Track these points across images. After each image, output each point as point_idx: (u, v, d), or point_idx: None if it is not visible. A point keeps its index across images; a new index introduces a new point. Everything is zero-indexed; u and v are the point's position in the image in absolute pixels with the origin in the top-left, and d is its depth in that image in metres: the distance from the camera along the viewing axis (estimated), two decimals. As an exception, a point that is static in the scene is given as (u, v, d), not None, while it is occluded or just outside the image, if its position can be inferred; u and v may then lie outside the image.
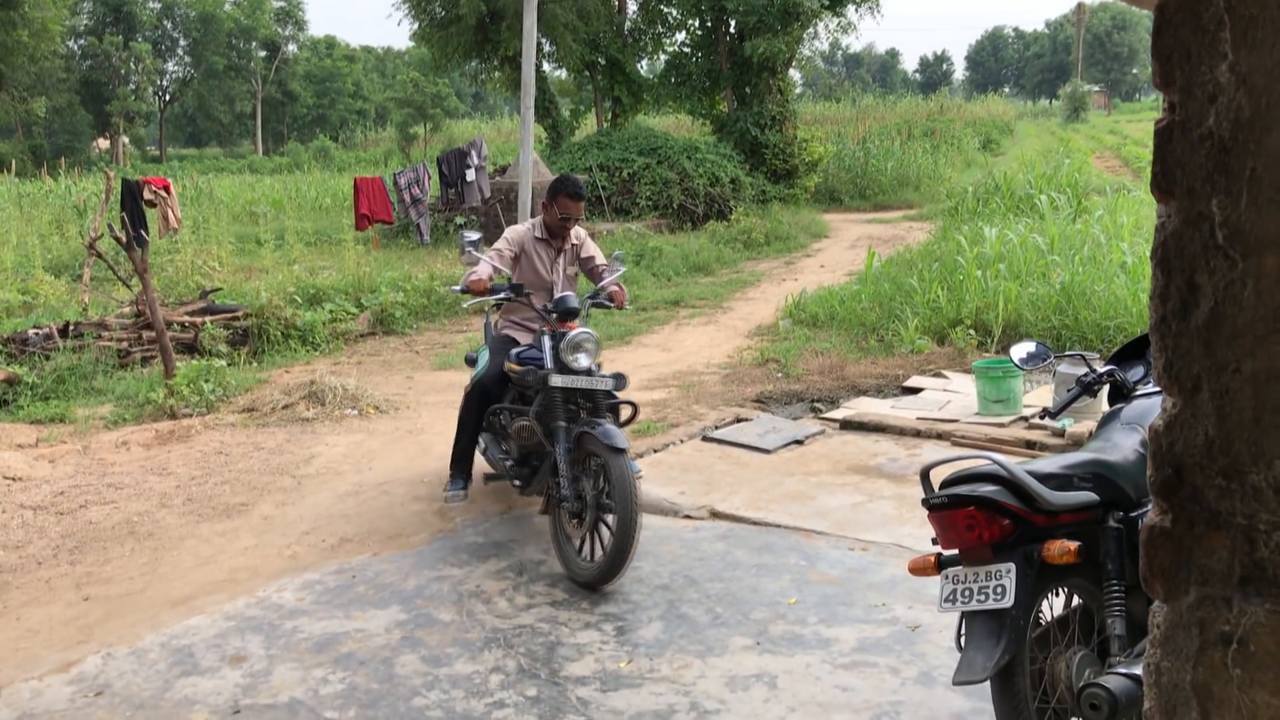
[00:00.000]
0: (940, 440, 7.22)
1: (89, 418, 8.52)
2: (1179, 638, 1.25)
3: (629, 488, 4.92)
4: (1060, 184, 18.47)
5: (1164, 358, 1.28)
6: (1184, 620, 1.24)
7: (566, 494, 5.20)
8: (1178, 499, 1.25)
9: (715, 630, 4.68)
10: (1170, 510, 1.27)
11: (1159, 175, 1.27)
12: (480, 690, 4.21)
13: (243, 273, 15.24)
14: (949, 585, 3.23)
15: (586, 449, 5.20)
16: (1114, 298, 9.47)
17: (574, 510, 5.21)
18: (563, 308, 5.60)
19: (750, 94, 25.61)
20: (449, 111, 60.41)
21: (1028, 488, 3.13)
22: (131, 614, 5.04)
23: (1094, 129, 57.24)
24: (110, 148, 62.48)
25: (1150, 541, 1.28)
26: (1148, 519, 1.29)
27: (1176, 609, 1.26)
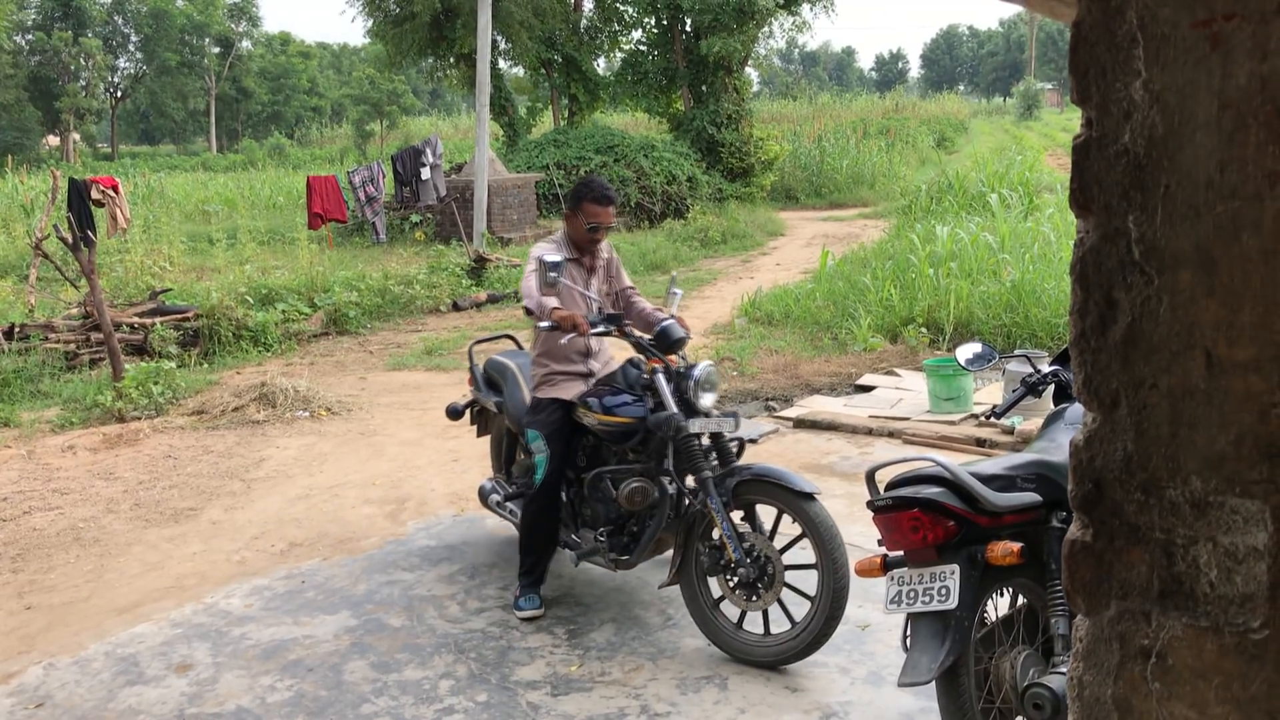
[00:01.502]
0: (892, 438, 7.26)
1: (34, 421, 8.38)
2: (1100, 651, 1.26)
3: (838, 538, 4.18)
4: (1012, 182, 18.64)
5: (1083, 373, 1.29)
6: (1105, 634, 1.25)
7: (738, 558, 4.31)
8: (1098, 514, 1.26)
9: (667, 632, 4.68)
10: (1091, 525, 1.28)
11: (1077, 191, 1.27)
12: (430, 696, 4.18)
13: (194, 273, 15.07)
14: (894, 587, 3.25)
15: (744, 499, 4.44)
16: (1063, 295, 9.57)
17: (750, 577, 4.32)
18: (669, 339, 4.67)
19: (706, 92, 25.66)
20: (405, 109, 60.06)
21: (971, 489, 3.15)
22: (75, 622, 4.97)
23: (1047, 127, 57.87)
24: (61, 145, 61.53)
25: (1071, 556, 1.29)
26: (1069, 533, 1.31)
27: (1098, 623, 1.26)
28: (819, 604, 4.18)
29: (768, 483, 4.35)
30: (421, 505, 6.40)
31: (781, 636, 4.30)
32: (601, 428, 4.69)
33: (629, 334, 4.78)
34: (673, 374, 4.59)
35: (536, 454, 4.84)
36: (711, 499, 4.37)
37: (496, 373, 5.54)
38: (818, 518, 4.20)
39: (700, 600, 4.48)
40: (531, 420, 4.90)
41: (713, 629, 4.44)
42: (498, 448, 5.86)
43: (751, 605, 4.36)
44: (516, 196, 19.72)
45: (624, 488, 4.58)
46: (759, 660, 4.31)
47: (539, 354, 4.99)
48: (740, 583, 4.34)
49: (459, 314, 13.28)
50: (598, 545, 4.80)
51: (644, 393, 4.63)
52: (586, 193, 4.91)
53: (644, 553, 4.75)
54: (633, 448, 4.72)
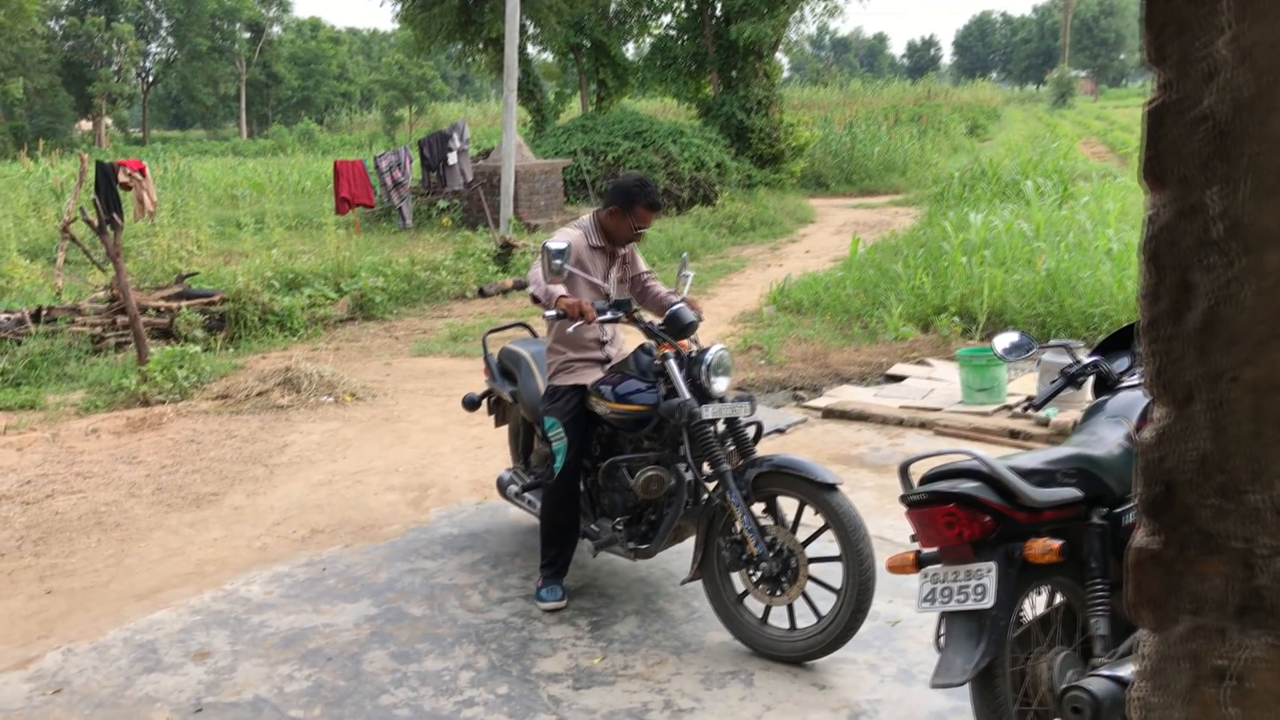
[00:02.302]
0: (923, 429, 7.12)
1: (60, 405, 8.36)
2: (1169, 671, 1.15)
3: (863, 530, 4.06)
4: (1046, 170, 18.38)
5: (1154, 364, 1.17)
6: (1175, 652, 1.14)
7: (760, 552, 4.20)
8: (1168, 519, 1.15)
9: (691, 625, 4.58)
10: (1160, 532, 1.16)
11: (1150, 162, 1.15)
12: (450, 688, 4.10)
13: (221, 257, 15.06)
14: (928, 584, 3.13)
15: (764, 491, 4.33)
16: (1099, 285, 9.39)
17: (773, 571, 4.20)
18: (679, 324, 4.55)
19: (736, 78, 25.44)
20: (434, 94, 60.10)
21: (1009, 484, 3.03)
22: (95, 608, 4.92)
23: (1081, 115, 57.21)
24: (93, 130, 61.95)
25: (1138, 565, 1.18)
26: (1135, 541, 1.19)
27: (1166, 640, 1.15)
28: (844, 597, 4.07)
29: (788, 474, 4.23)
30: (445, 493, 6.33)
31: (807, 631, 4.19)
32: (614, 416, 4.59)
33: (638, 319, 4.67)
34: (684, 359, 4.49)
35: (555, 442, 4.76)
36: (731, 492, 4.26)
37: (511, 362, 5.45)
38: (840, 509, 4.08)
39: (723, 596, 4.38)
40: (549, 408, 4.81)
41: (737, 624, 4.34)
42: (515, 438, 5.76)
43: (775, 600, 4.24)
44: (544, 182, 19.62)
45: (639, 476, 4.49)
46: (784, 656, 4.21)
47: (554, 341, 4.88)
48: (763, 577, 4.22)
49: (485, 300, 13.21)
50: (615, 535, 4.71)
51: (656, 379, 4.53)
52: (642, 197, 4.76)
53: (663, 542, 4.65)
54: (647, 435, 4.62)
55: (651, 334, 4.58)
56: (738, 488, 4.26)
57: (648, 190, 4.77)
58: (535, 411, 5.03)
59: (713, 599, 4.40)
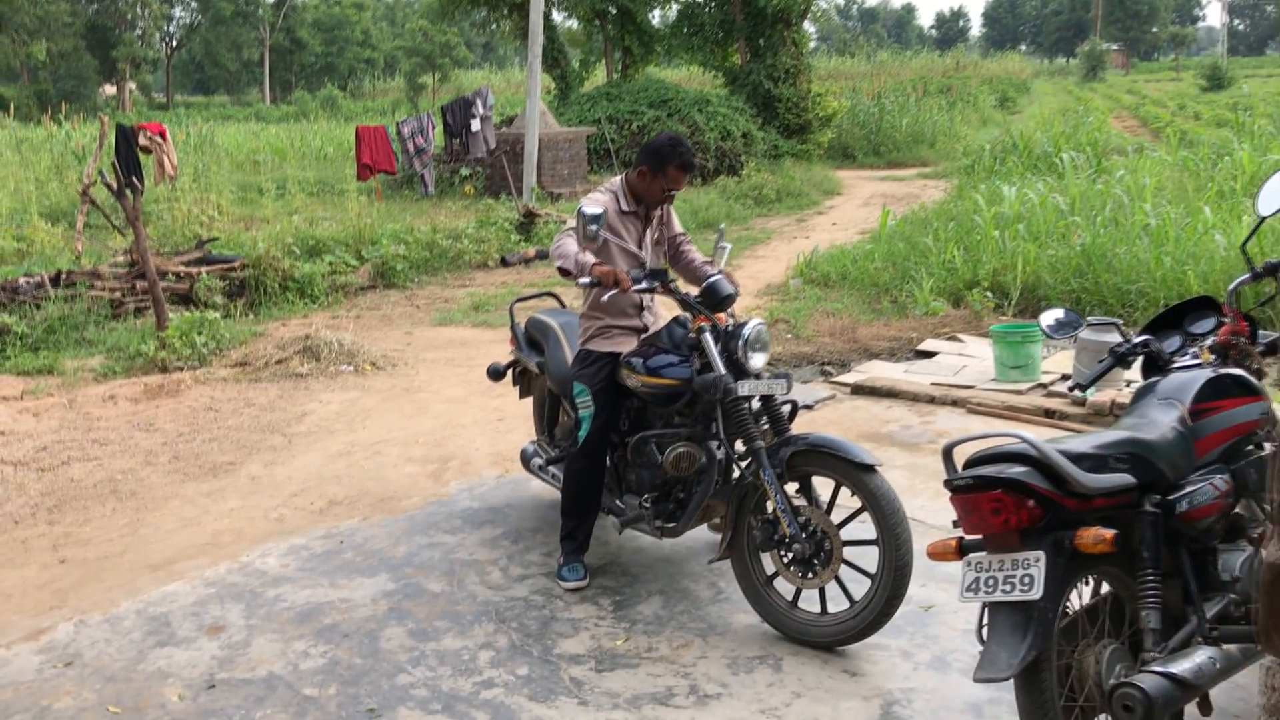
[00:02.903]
0: (955, 407, 6.95)
1: (78, 370, 8.28)
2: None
3: (901, 513, 3.93)
4: (1080, 143, 18.05)
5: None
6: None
7: (793, 533, 4.04)
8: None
9: (717, 607, 4.45)
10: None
11: None
12: (469, 668, 3.99)
13: (242, 222, 14.96)
14: (971, 573, 2.98)
15: (799, 470, 4.18)
16: (1136, 261, 9.15)
17: (806, 553, 4.05)
18: (717, 296, 4.39)
19: (764, 46, 25.06)
20: (458, 61, 59.75)
21: (1060, 469, 2.86)
22: (108, 578, 4.83)
23: (1111, 88, 56.41)
24: (117, 94, 61.94)
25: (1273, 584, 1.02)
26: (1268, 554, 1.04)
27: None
28: (880, 582, 3.93)
29: (825, 453, 4.08)
30: (465, 465, 6.20)
31: (839, 616, 4.05)
32: (645, 389, 4.42)
33: (674, 290, 4.49)
34: (721, 333, 4.32)
35: (581, 409, 4.61)
36: (764, 470, 4.10)
37: (538, 332, 5.28)
38: (879, 491, 3.93)
39: (752, 576, 4.23)
40: (580, 373, 4.65)
41: (766, 607, 4.19)
42: (540, 409, 5.62)
43: (807, 583, 4.09)
44: (567, 151, 19.41)
45: (669, 453, 4.32)
46: (815, 640, 4.07)
47: (590, 308, 4.71)
48: (795, 559, 4.07)
49: (507, 270, 13.04)
50: (642, 512, 4.56)
51: (690, 353, 4.37)
52: (674, 157, 4.54)
53: (691, 521, 4.51)
54: (679, 411, 4.46)
55: (688, 306, 4.42)
56: (772, 466, 4.10)
57: (680, 149, 4.56)
58: (562, 383, 4.88)
59: (741, 579, 4.26)
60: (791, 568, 4.11)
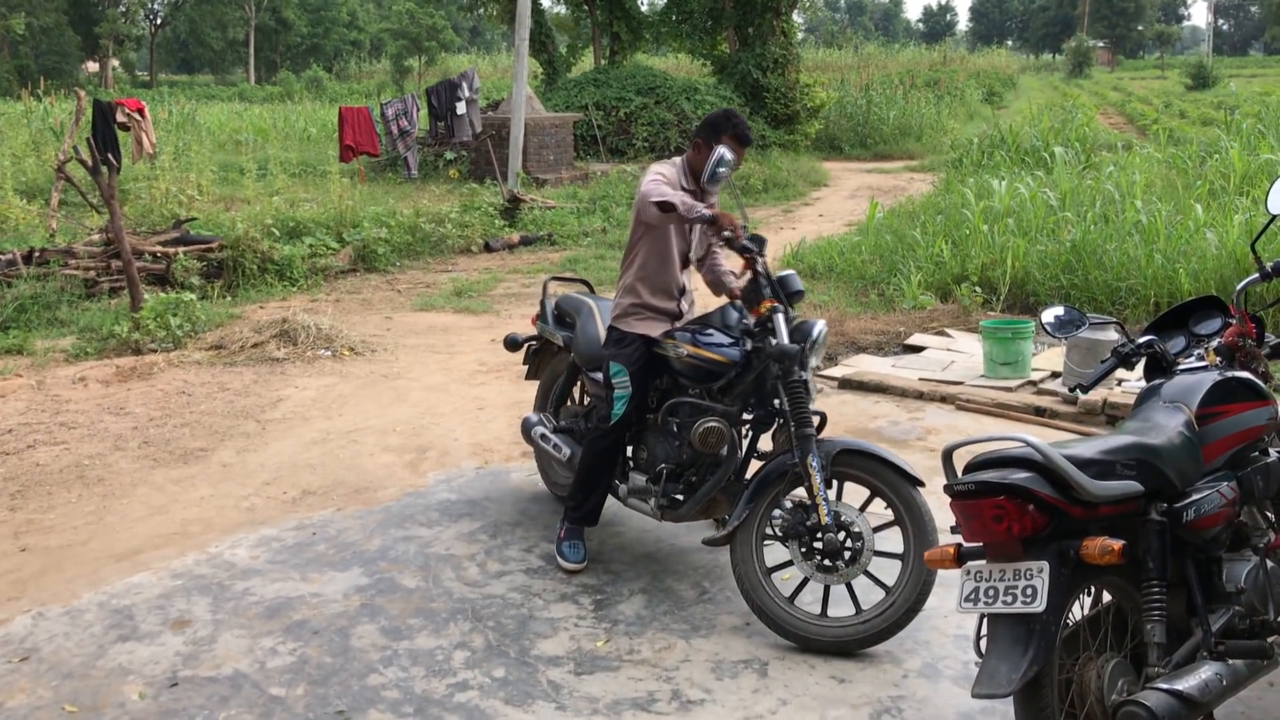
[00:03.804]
0: (944, 403, 6.83)
1: (48, 350, 8.08)
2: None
3: (935, 532, 3.85)
4: (1068, 138, 17.97)
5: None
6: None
7: (829, 522, 3.92)
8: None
9: (701, 607, 4.31)
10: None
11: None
12: (443, 668, 3.84)
13: (223, 203, 14.72)
14: (970, 583, 2.85)
15: (838, 472, 4.06)
16: (1127, 258, 9.04)
17: (835, 545, 3.92)
18: (788, 289, 4.28)
19: (753, 35, 24.87)
20: (444, 45, 59.28)
21: (1067, 475, 2.73)
22: (71, 568, 4.66)
23: (1097, 85, 56.40)
24: (99, 71, 61.26)
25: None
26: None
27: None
28: (898, 595, 3.86)
29: (873, 459, 4.00)
30: (443, 455, 6.05)
31: (843, 620, 3.94)
32: (691, 360, 4.33)
33: (762, 265, 4.25)
34: (797, 324, 4.22)
35: (618, 389, 4.52)
36: (813, 456, 3.97)
37: (571, 308, 5.14)
38: (921, 507, 3.89)
39: (753, 563, 4.06)
40: (616, 354, 4.55)
41: (761, 597, 4.02)
42: (548, 387, 5.46)
43: (823, 577, 3.96)
44: (554, 136, 19.21)
45: (699, 425, 4.25)
46: (809, 640, 3.92)
47: (635, 279, 4.58)
48: (823, 550, 3.93)
49: (490, 255, 12.88)
50: (650, 487, 4.50)
51: (741, 337, 4.29)
52: (729, 126, 4.38)
53: (695, 507, 4.43)
54: (716, 390, 4.36)
55: (770, 284, 4.23)
56: (820, 457, 3.99)
57: (734, 120, 4.41)
58: (591, 358, 4.80)
59: (740, 564, 4.08)
60: (813, 558, 3.98)
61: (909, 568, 3.86)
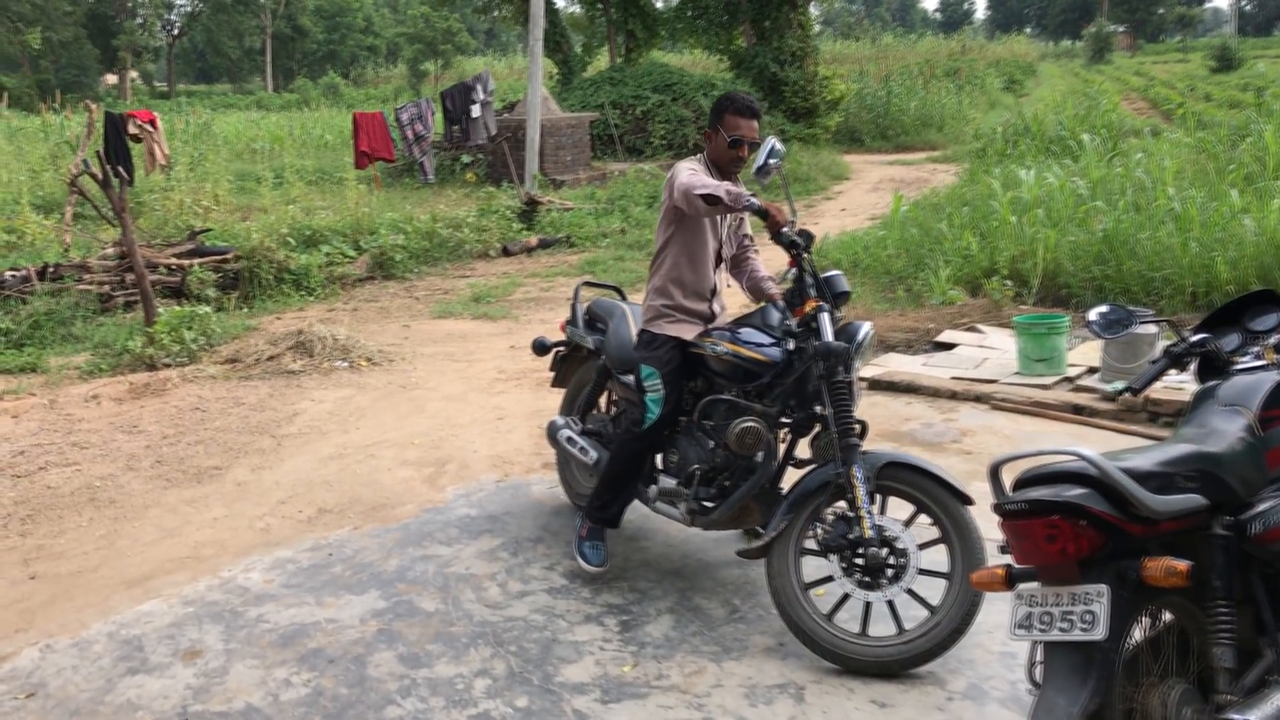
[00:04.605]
0: (978, 403, 6.60)
1: (62, 367, 7.97)
2: None
3: (984, 552, 3.67)
4: (1095, 125, 17.65)
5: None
6: None
7: (873, 535, 3.72)
8: None
9: (733, 627, 4.12)
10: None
11: None
12: (463, 698, 3.66)
13: (239, 212, 14.62)
14: (1023, 608, 2.64)
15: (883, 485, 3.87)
16: (1161, 247, 8.77)
17: (879, 560, 3.71)
18: (834, 289, 4.12)
19: (770, 28, 24.62)
20: (460, 48, 59.32)
21: (1126, 491, 2.52)
22: (80, 596, 4.51)
23: (1119, 70, 55.75)
24: (118, 83, 61.53)
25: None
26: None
27: None
28: (944, 615, 3.67)
29: (920, 473, 3.83)
30: (463, 469, 5.88)
31: (884, 640, 3.74)
32: (730, 359, 4.19)
33: (808, 261, 4.11)
34: (836, 321, 4.04)
35: (650, 392, 4.38)
36: (858, 466, 3.80)
37: (603, 312, 5.00)
38: (970, 525, 3.72)
39: (790, 578, 3.86)
40: (649, 356, 4.42)
41: (797, 614, 3.82)
42: (575, 394, 5.29)
43: (864, 593, 3.76)
44: (570, 137, 19.03)
45: (736, 426, 4.09)
46: (847, 660, 3.73)
47: (666, 280, 4.45)
48: (866, 565, 3.74)
49: (509, 259, 12.72)
50: (681, 490, 4.35)
51: (783, 337, 4.15)
52: (728, 104, 4.32)
53: (727, 513, 4.25)
54: (753, 390, 4.19)
55: (816, 283, 4.08)
56: (865, 468, 3.82)
57: (733, 96, 4.33)
58: (623, 360, 4.66)
59: (776, 578, 3.88)
60: (855, 574, 3.77)
61: (955, 587, 3.67)
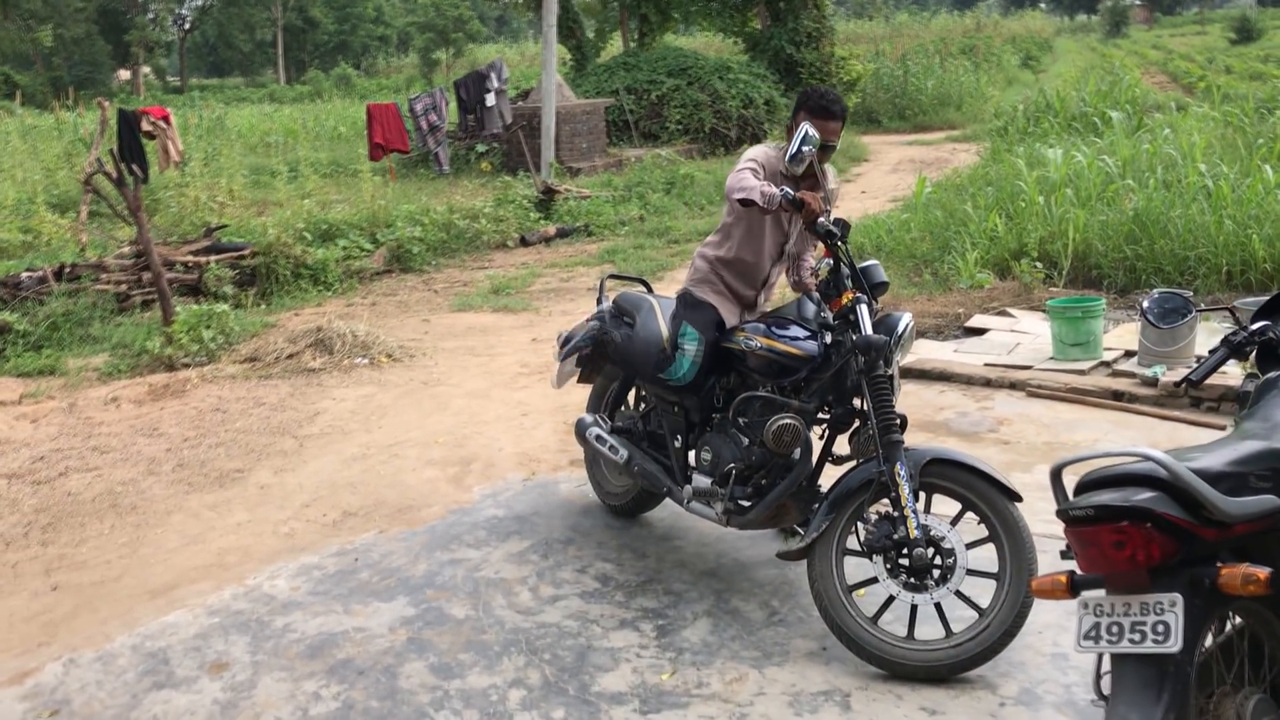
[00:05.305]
0: (1014, 390, 6.45)
1: (81, 369, 7.88)
2: None
3: (1034, 550, 3.58)
4: (1118, 101, 17.38)
5: None
6: None
7: (919, 535, 3.60)
8: None
9: (773, 630, 3.99)
10: None
11: None
12: (497, 710, 3.55)
13: (255, 207, 14.51)
14: (1090, 618, 2.51)
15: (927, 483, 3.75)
16: (1194, 225, 8.59)
17: (925, 560, 3.60)
18: (871, 280, 4.02)
19: (785, 9, 24.35)
20: (471, 35, 59.07)
21: (1199, 494, 2.38)
22: (104, 607, 4.42)
23: (1136, 44, 55.19)
24: (131, 79, 61.57)
25: None
26: None
27: None
28: (994, 617, 3.54)
29: (966, 469, 3.69)
30: (488, 467, 5.76)
31: (933, 644, 3.62)
32: (765, 354, 4.07)
33: (845, 251, 3.99)
34: (875, 313, 3.94)
35: (686, 353, 4.32)
36: (901, 464, 3.68)
37: (631, 305, 4.83)
38: (1019, 523, 3.59)
39: (833, 580, 3.74)
40: (691, 317, 4.38)
41: (841, 617, 3.69)
42: (603, 390, 5.16)
43: (911, 594, 3.63)
44: (585, 124, 18.87)
45: (773, 423, 3.95)
46: (894, 664, 3.60)
47: (723, 255, 4.42)
48: (911, 566, 3.62)
49: (527, 249, 12.60)
50: (716, 490, 4.21)
51: (820, 330, 4.03)
52: (805, 101, 4.22)
53: (764, 512, 4.10)
54: (789, 386, 4.07)
55: (854, 274, 3.96)
56: (909, 465, 3.70)
57: (812, 95, 4.22)
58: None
59: (819, 580, 3.76)
60: (900, 575, 3.65)
61: (1005, 588, 3.53)
